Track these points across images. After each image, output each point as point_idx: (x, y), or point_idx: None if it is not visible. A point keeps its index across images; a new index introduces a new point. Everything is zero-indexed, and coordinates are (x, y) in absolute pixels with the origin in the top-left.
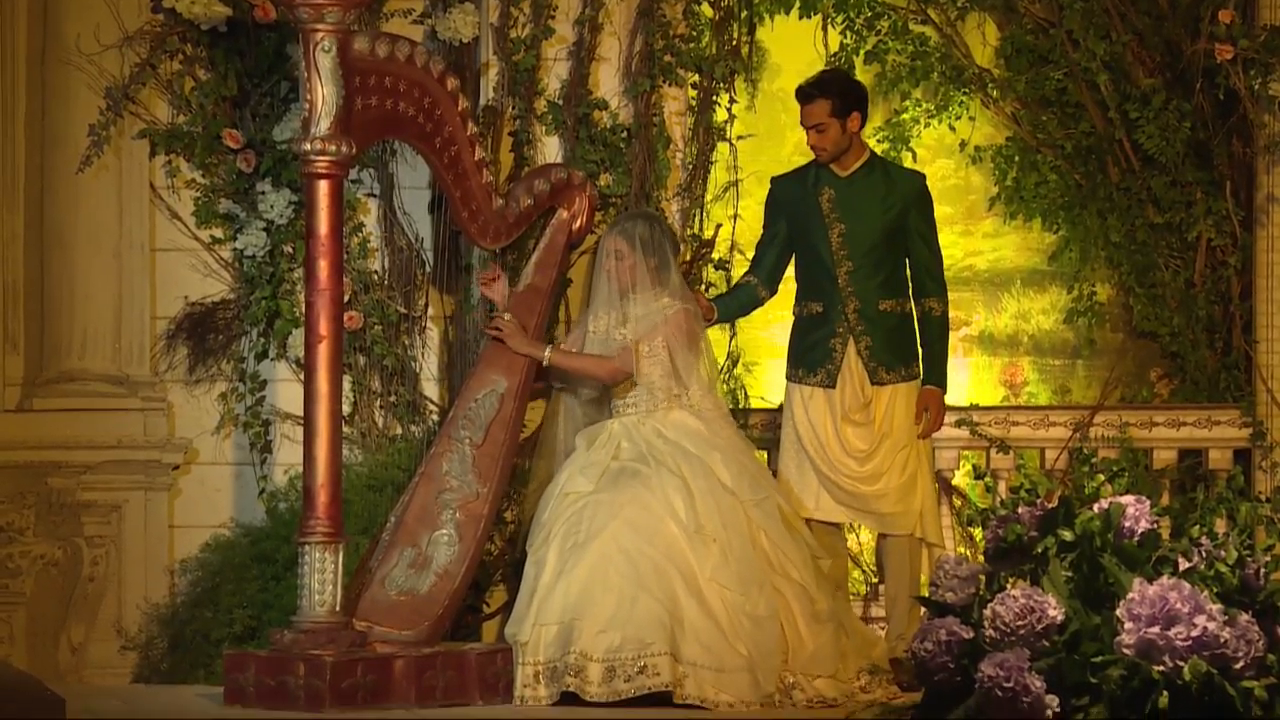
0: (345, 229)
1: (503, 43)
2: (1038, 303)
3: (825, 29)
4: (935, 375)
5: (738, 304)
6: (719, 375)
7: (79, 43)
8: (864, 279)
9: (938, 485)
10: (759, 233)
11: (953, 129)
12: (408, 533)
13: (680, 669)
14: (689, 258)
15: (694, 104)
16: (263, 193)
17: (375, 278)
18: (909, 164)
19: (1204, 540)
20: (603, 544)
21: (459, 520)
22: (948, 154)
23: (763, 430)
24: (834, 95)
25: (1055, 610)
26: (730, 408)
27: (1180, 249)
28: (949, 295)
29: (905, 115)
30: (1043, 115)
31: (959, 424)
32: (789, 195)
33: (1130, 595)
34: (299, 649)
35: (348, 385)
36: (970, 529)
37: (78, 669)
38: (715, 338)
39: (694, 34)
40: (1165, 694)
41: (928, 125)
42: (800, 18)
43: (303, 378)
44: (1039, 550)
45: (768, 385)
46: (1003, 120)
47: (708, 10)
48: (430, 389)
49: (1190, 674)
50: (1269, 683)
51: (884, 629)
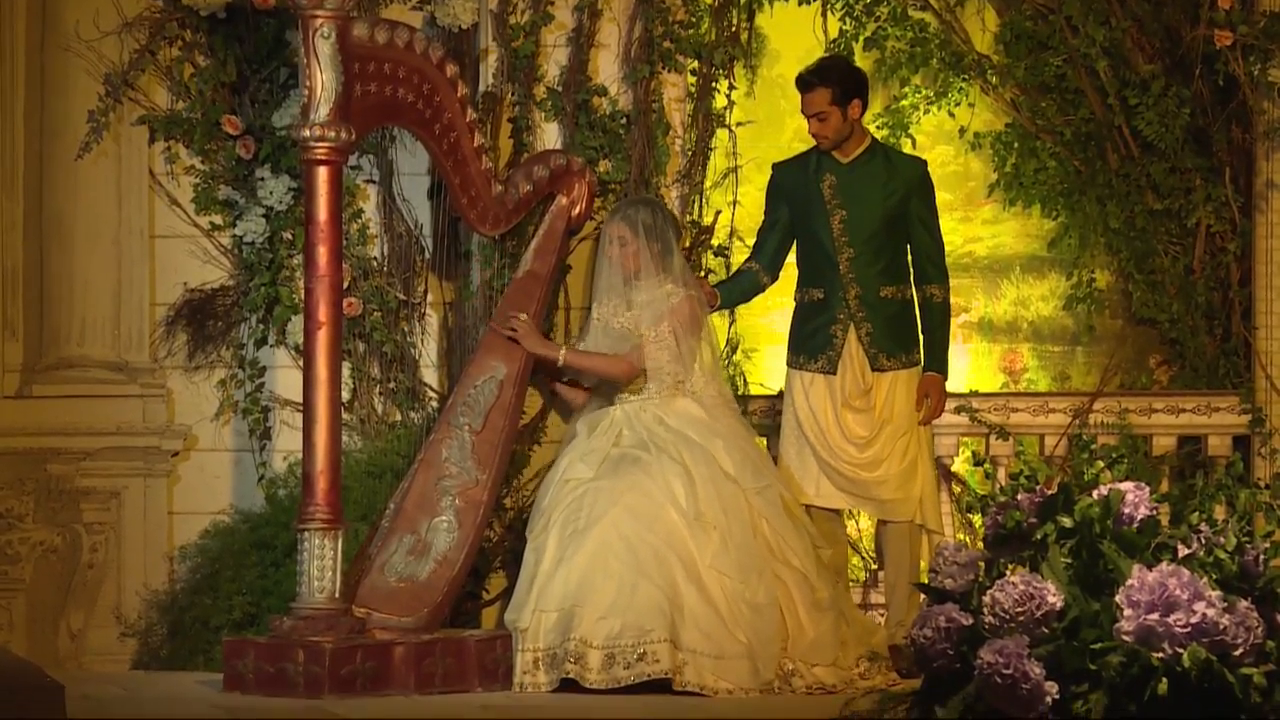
0: (344, 215)
1: (502, 29)
2: (1037, 289)
3: (824, 15)
4: (936, 362)
5: (740, 290)
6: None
7: (78, 29)
8: (865, 265)
9: (937, 472)
10: (758, 219)
11: (952, 115)
12: (407, 519)
13: (680, 656)
14: (688, 244)
15: (693, 90)
16: (262, 179)
17: (374, 264)
18: (908, 150)
19: (1203, 527)
20: (603, 531)
21: (458, 507)
22: (947, 140)
23: (762, 416)
24: (834, 83)
25: (1054, 597)
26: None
27: (1179, 235)
28: (950, 281)
29: (904, 102)
30: (1042, 101)
31: (958, 410)
32: (790, 181)
33: (1129, 582)
34: (298, 636)
35: (347, 372)
36: (969, 515)
37: (77, 656)
38: (715, 324)
39: (693, 20)
40: (1164, 681)
41: (927, 112)
42: (799, 4)
43: (302, 364)
44: (1038, 537)
45: (767, 372)
46: (1002, 106)
47: None
48: (429, 375)
49: (1189, 661)
50: (1268, 669)
51: (883, 616)
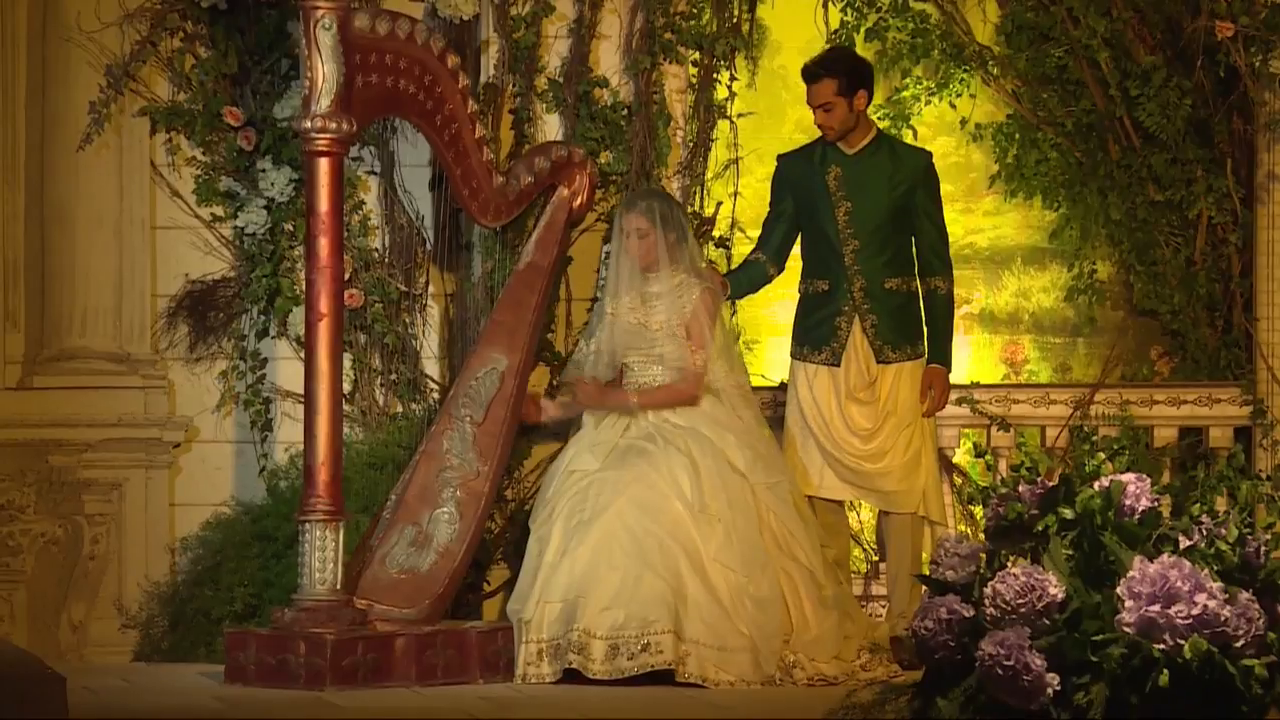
0: (346, 207)
1: (503, 20)
2: (1038, 280)
3: (826, 6)
4: (940, 354)
5: (748, 280)
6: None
7: (79, 20)
8: (870, 257)
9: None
10: (760, 211)
11: (953, 106)
12: (408, 511)
13: (683, 647)
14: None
15: (694, 81)
16: (263, 170)
17: (376, 255)
18: (909, 142)
19: (1204, 518)
20: (607, 522)
21: (460, 498)
22: (948, 132)
23: (763, 408)
24: (840, 74)
25: (1056, 588)
26: None
27: (1181, 227)
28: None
29: (906, 93)
30: (1043, 93)
31: (960, 402)
32: (796, 173)
33: (1131, 573)
34: (300, 627)
35: (348, 363)
36: (971, 507)
37: (78, 647)
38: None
39: (694, 11)
40: (1166, 672)
41: (928, 103)
42: None
43: (303, 356)
44: (1039, 528)
45: (769, 363)
46: (1003, 98)
47: None
48: (431, 367)
49: (1191, 652)
50: (1269, 661)
51: (885, 607)
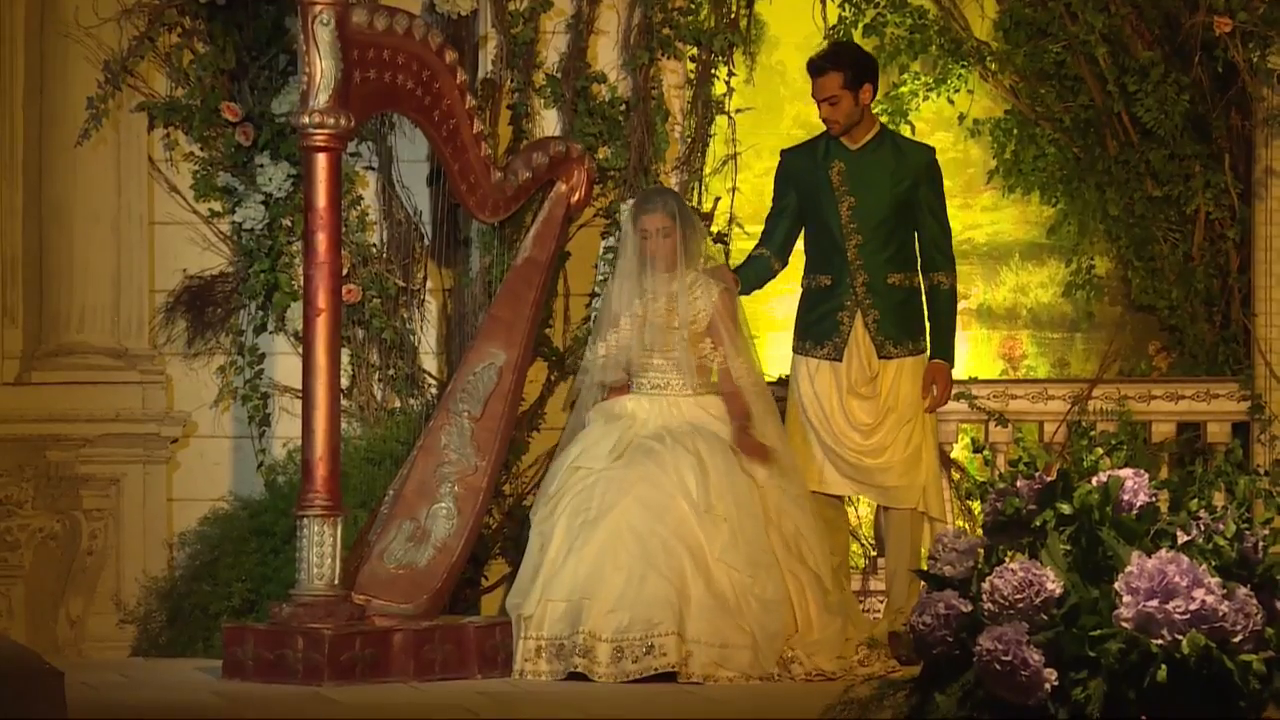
0: (344, 202)
1: (501, 16)
2: (1036, 276)
3: (823, 2)
4: (943, 349)
5: (754, 275)
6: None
7: (77, 16)
8: (873, 252)
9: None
10: (758, 206)
11: (951, 102)
12: (406, 506)
13: (685, 647)
14: None
15: (692, 77)
16: (261, 166)
17: (374, 251)
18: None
19: (1202, 513)
20: (613, 522)
21: (458, 493)
22: (946, 127)
23: None
24: (846, 67)
25: (1053, 584)
26: None
27: (1179, 222)
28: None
29: (904, 88)
30: (1041, 88)
31: (958, 397)
32: (799, 167)
33: (1128, 569)
34: (297, 622)
35: (346, 358)
36: (969, 502)
37: (76, 642)
38: None
39: (692, 7)
40: (1164, 668)
41: (926, 98)
42: None
43: (301, 351)
44: (1037, 524)
45: (769, 358)
46: (1001, 93)
47: None
48: (429, 362)
49: (1189, 647)
50: (1267, 656)
51: (883, 602)
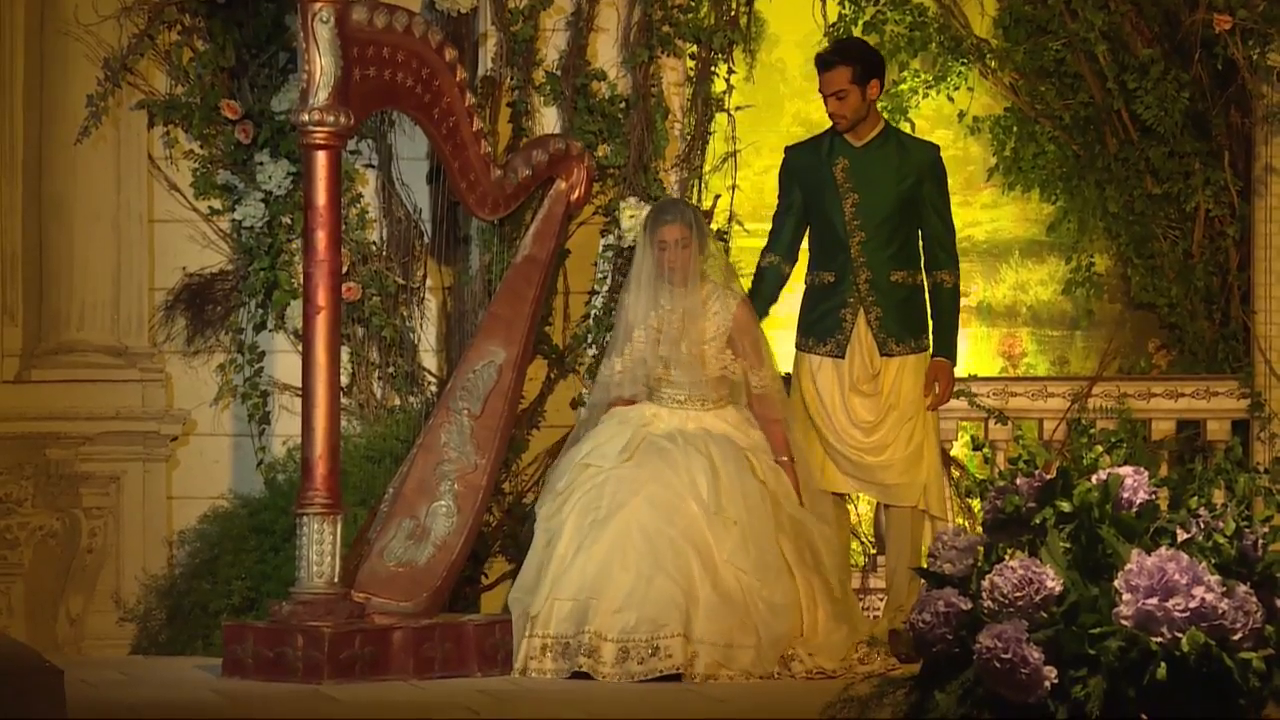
0: (343, 200)
1: (501, 13)
2: (1036, 273)
3: (823, 0)
4: (945, 347)
5: (770, 290)
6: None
7: (77, 13)
8: (877, 250)
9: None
10: (757, 204)
11: (951, 99)
12: (406, 504)
13: (691, 648)
14: None
15: (692, 75)
16: (261, 163)
17: (373, 249)
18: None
19: (1202, 511)
20: (622, 522)
21: (457, 491)
22: (946, 124)
23: None
24: (855, 62)
25: (1053, 582)
26: None
27: (1178, 220)
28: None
29: (903, 86)
30: (1041, 86)
31: (957, 395)
32: (803, 164)
33: (1128, 566)
34: (297, 620)
35: (346, 356)
36: (968, 500)
37: (76, 640)
38: None
39: (692, 4)
40: (1163, 665)
41: (926, 96)
42: None
43: (301, 349)
44: (1037, 521)
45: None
46: (1001, 91)
47: None
48: (428, 360)
49: (1188, 645)
50: (1267, 654)
51: (883, 600)
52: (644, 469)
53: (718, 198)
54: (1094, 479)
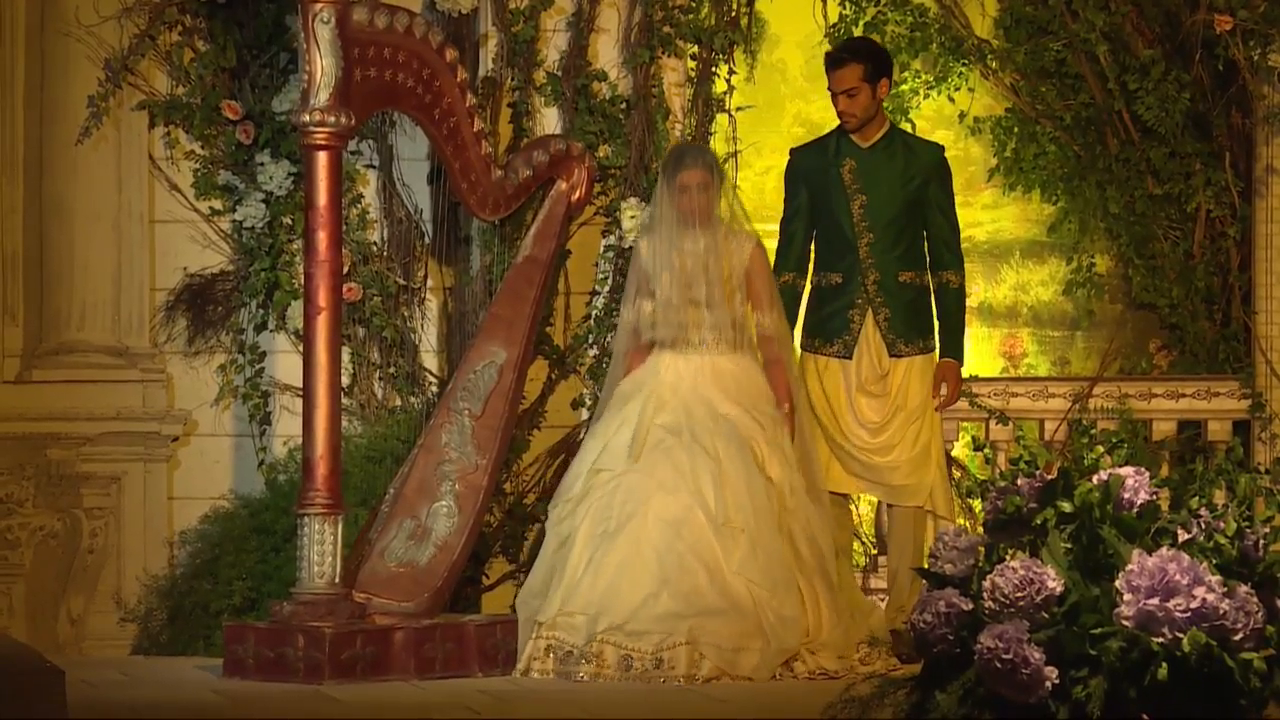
0: (344, 200)
1: (502, 14)
2: (1037, 274)
3: (824, 0)
4: (952, 348)
5: (790, 313)
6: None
7: (78, 14)
8: (884, 250)
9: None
10: (758, 204)
11: (952, 100)
12: (407, 504)
13: (696, 652)
14: None
15: (693, 75)
16: (262, 164)
17: (374, 249)
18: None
19: (1203, 512)
20: (632, 536)
21: (458, 492)
22: (947, 125)
23: None
24: (865, 59)
25: (1054, 582)
26: None
27: (1179, 220)
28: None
29: (904, 86)
30: (1042, 86)
31: (958, 395)
32: (810, 165)
33: (1129, 567)
34: (298, 621)
35: (347, 357)
36: (969, 500)
37: (77, 641)
38: None
39: (693, 5)
40: (1164, 666)
41: (927, 96)
42: None
43: (302, 349)
44: (1038, 522)
45: None
46: (1002, 91)
47: None
48: (429, 360)
49: (1189, 646)
50: (1268, 654)
51: (884, 600)
52: (652, 477)
53: None
54: (1095, 479)
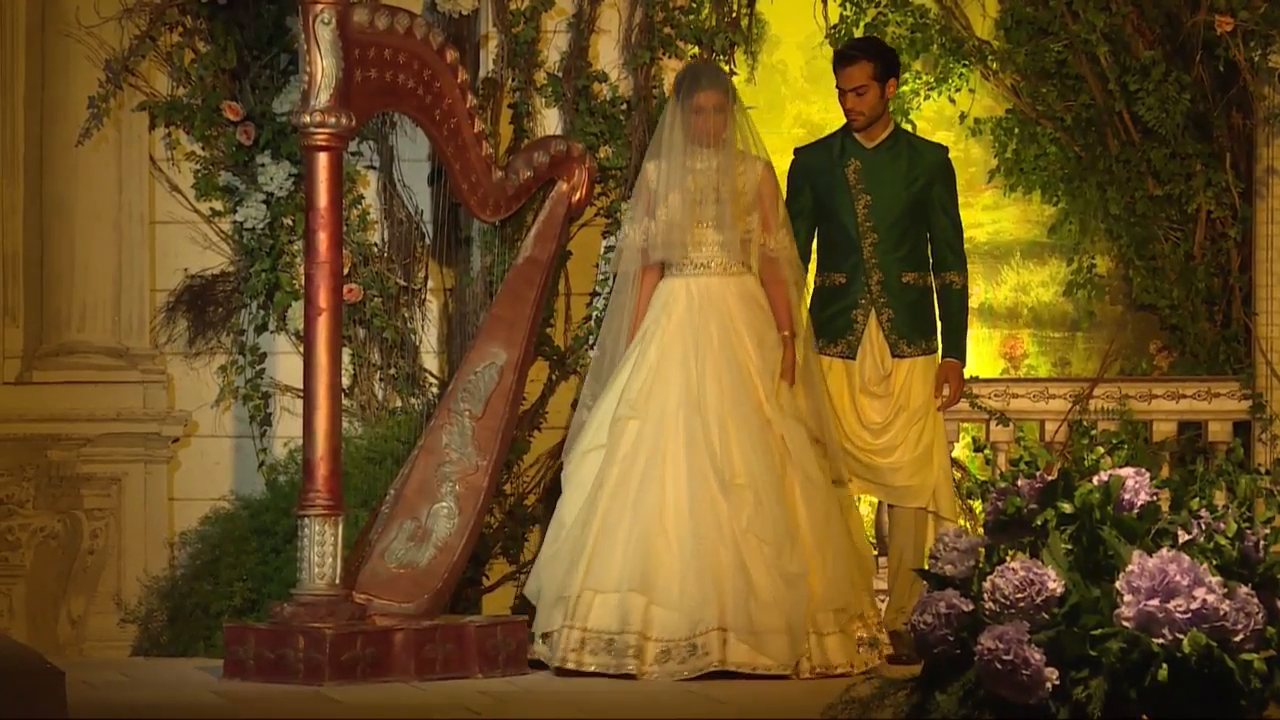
0: (345, 201)
1: (502, 15)
2: (1037, 275)
3: (825, 1)
4: (955, 349)
5: None
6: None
7: (78, 15)
8: (888, 251)
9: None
10: None
11: (952, 101)
12: (407, 505)
13: (728, 640)
14: None
15: None
16: (262, 165)
17: (375, 250)
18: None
19: (1203, 513)
20: (653, 513)
21: (459, 493)
22: (947, 126)
23: None
24: (875, 58)
25: (1054, 583)
26: None
27: (1180, 221)
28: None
29: (905, 88)
30: (1042, 87)
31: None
32: (815, 164)
33: (1130, 568)
34: (298, 622)
35: (347, 358)
36: (970, 501)
37: (77, 642)
38: None
39: (693, 6)
40: (1165, 667)
41: (927, 97)
42: None
43: (302, 350)
44: (1038, 523)
45: None
46: (1002, 92)
47: None
48: (430, 361)
49: (1190, 647)
50: (1268, 655)
51: (884, 601)
52: (669, 439)
53: None
54: (1095, 480)
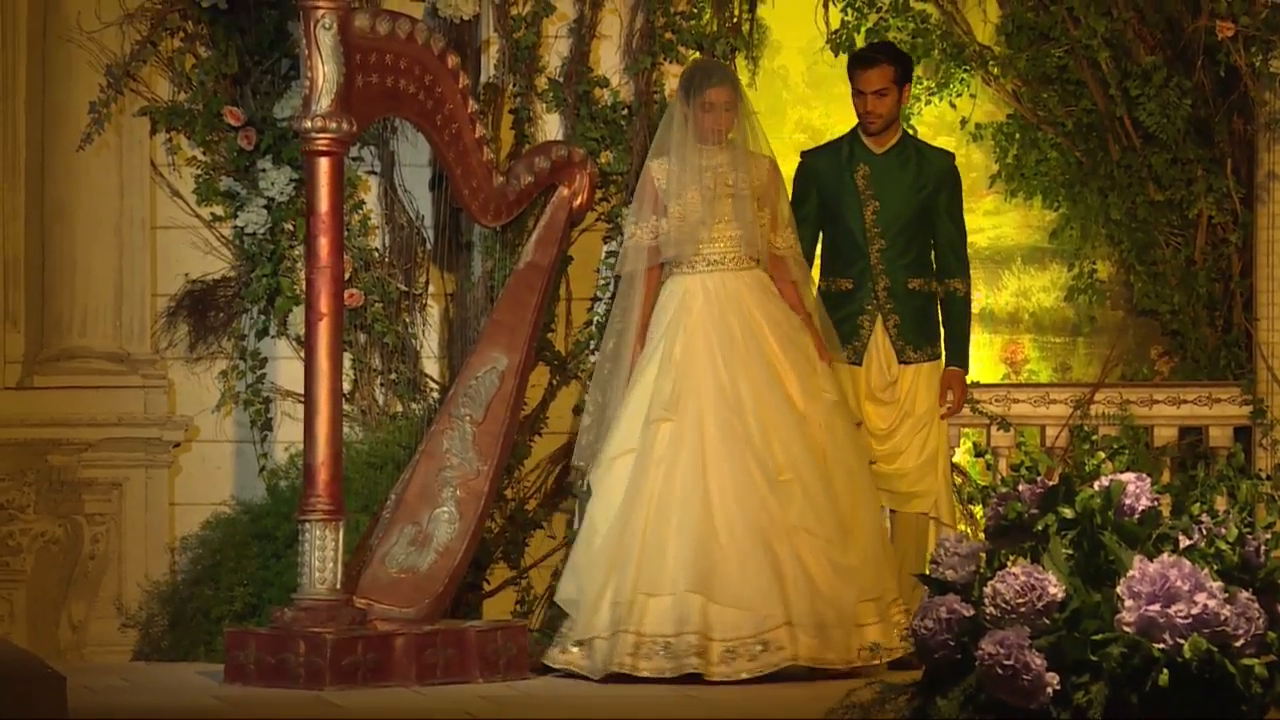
0: (346, 206)
1: (503, 20)
2: (1038, 280)
3: (826, 6)
4: (958, 356)
5: None
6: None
7: (80, 20)
8: (895, 257)
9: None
10: None
11: (953, 106)
12: (408, 510)
13: (797, 636)
14: None
15: None
16: (263, 170)
17: (376, 255)
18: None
19: (1204, 518)
20: (701, 511)
21: (460, 498)
22: (948, 131)
23: None
24: (896, 62)
25: (1055, 588)
26: None
27: (1181, 226)
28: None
29: None
30: (1043, 93)
31: None
32: (823, 168)
33: (1131, 573)
34: (299, 627)
35: (348, 363)
36: (971, 507)
37: (78, 647)
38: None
39: (695, 11)
40: (1165, 672)
41: (928, 103)
42: None
43: (303, 355)
44: (1039, 528)
45: None
46: (1003, 98)
47: None
48: (431, 366)
49: (1190, 652)
50: (1269, 660)
51: None
52: (708, 442)
53: None
54: (1096, 485)
